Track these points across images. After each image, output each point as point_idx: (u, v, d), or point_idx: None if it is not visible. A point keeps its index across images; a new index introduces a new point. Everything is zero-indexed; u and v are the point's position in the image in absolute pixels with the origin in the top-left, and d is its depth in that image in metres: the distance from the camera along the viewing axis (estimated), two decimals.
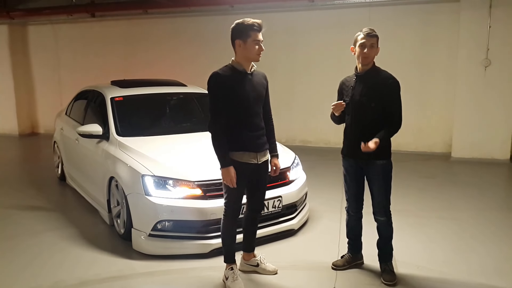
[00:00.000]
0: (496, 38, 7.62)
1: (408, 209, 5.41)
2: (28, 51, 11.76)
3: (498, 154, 7.92)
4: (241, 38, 3.33)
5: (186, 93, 6.09)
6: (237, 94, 3.37)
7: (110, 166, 4.68)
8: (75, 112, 6.41)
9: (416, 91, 8.45)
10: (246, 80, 3.42)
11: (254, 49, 3.34)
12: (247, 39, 3.32)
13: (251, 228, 3.84)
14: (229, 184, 3.37)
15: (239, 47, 3.36)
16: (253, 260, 3.85)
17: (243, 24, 3.33)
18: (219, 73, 3.35)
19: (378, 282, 3.65)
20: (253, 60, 3.43)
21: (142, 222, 4.17)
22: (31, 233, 4.79)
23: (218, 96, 3.35)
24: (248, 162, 3.45)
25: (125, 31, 10.82)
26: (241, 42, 3.34)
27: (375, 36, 3.48)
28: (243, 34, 3.32)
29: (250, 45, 3.33)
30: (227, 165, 3.35)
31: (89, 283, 3.68)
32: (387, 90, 3.49)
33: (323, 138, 9.34)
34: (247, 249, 3.87)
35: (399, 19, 8.58)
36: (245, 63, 3.41)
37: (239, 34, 3.34)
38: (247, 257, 3.87)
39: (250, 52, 3.35)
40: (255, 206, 3.73)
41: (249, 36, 3.31)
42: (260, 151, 3.52)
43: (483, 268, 3.92)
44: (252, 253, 3.88)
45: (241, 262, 3.87)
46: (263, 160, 3.57)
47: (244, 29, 3.32)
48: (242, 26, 3.33)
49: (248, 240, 3.86)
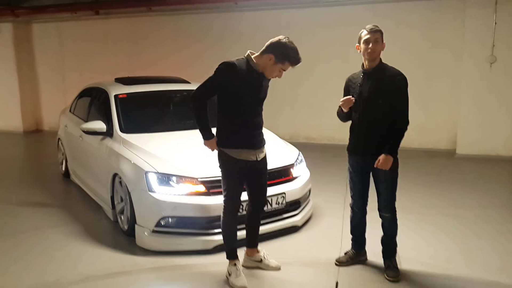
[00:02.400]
0: (502, 34, 7.58)
1: (413, 205, 5.40)
2: (33, 48, 11.79)
3: (503, 150, 7.88)
4: (276, 57, 3.29)
5: (190, 90, 6.04)
6: (244, 92, 3.34)
7: (114, 163, 4.68)
8: (79, 109, 6.43)
9: (421, 88, 8.41)
10: (256, 78, 3.40)
11: (275, 72, 3.36)
12: (278, 63, 3.30)
13: (254, 224, 3.84)
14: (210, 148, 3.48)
15: (268, 60, 3.31)
16: (256, 256, 3.85)
17: (290, 49, 3.29)
18: (235, 64, 3.30)
19: (382, 278, 3.64)
20: (266, 74, 3.41)
21: (146, 219, 4.18)
22: (35, 229, 4.81)
23: (221, 83, 3.32)
24: (247, 159, 3.45)
25: (129, 28, 10.82)
26: (273, 59, 3.30)
27: (378, 31, 3.46)
28: (281, 57, 3.29)
29: (276, 68, 3.33)
30: (208, 138, 3.45)
31: (92, 279, 3.70)
32: (395, 86, 3.47)
33: (327, 135, 9.32)
34: (251, 245, 3.87)
35: (404, 16, 8.54)
36: (260, 68, 3.39)
37: (278, 54, 3.29)
38: (250, 253, 3.87)
39: (270, 71, 3.36)
40: (257, 202, 3.73)
41: (283, 63, 3.31)
42: (258, 148, 3.52)
43: (487, 264, 3.91)
44: (256, 249, 3.88)
45: (244, 258, 3.87)
46: (261, 157, 3.57)
47: (285, 53, 3.29)
48: (287, 51, 3.29)
49: (252, 236, 3.85)
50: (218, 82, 3.34)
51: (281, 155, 4.74)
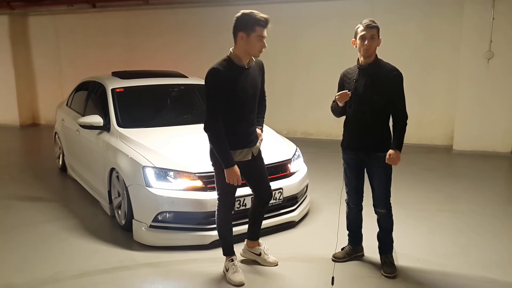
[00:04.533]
0: (500, 30, 7.57)
1: (409, 201, 5.41)
2: (29, 41, 11.71)
3: (500, 147, 7.90)
4: (245, 31, 3.17)
5: (187, 84, 6.06)
6: (235, 91, 3.26)
7: (111, 157, 4.67)
8: (76, 103, 6.40)
9: (418, 83, 8.42)
10: (244, 76, 3.31)
11: (256, 45, 3.20)
12: (251, 33, 3.16)
13: (257, 218, 3.82)
14: (234, 183, 3.31)
15: (241, 39, 3.21)
16: (256, 249, 3.85)
17: (250, 16, 3.17)
18: (218, 69, 3.20)
19: (378, 274, 3.65)
20: (253, 56, 3.31)
21: (143, 213, 4.18)
22: (31, 223, 4.80)
23: (217, 93, 3.22)
24: (243, 160, 3.42)
25: (126, 22, 10.76)
26: (244, 35, 3.18)
27: (375, 27, 3.44)
28: (248, 27, 3.16)
29: (253, 40, 3.18)
30: (231, 165, 3.26)
31: (89, 274, 3.69)
32: (391, 82, 3.46)
33: (324, 130, 9.32)
34: (252, 237, 3.86)
35: (401, 11, 8.52)
36: (244, 57, 3.29)
37: (244, 27, 3.18)
38: (251, 244, 3.87)
39: (252, 47, 3.21)
40: (264, 195, 3.70)
41: (254, 30, 3.16)
42: (254, 145, 3.50)
43: (483, 260, 3.92)
44: (257, 241, 3.88)
45: (244, 249, 3.88)
46: (256, 152, 3.55)
47: (250, 22, 3.16)
48: (249, 19, 3.17)
49: (254, 229, 3.84)
50: (216, 93, 3.23)
51: (278, 150, 4.74)
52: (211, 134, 3.26)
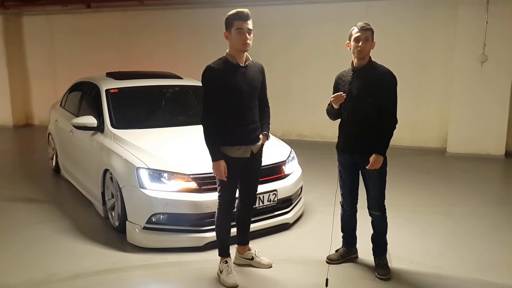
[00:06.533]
0: (493, 34, 7.61)
1: (403, 204, 5.42)
2: (23, 41, 11.64)
3: (494, 149, 7.93)
4: (228, 28, 3.33)
5: (182, 85, 6.05)
6: (229, 87, 3.33)
7: (105, 159, 4.65)
8: (70, 104, 6.37)
9: (412, 86, 8.46)
10: (239, 73, 3.38)
11: (238, 39, 3.28)
12: (231, 29, 3.30)
13: (245, 221, 3.83)
14: (219, 177, 3.39)
15: (227, 38, 3.36)
16: (247, 254, 3.84)
17: (229, 14, 3.32)
18: (212, 66, 3.33)
19: (372, 277, 3.66)
20: (240, 50, 3.34)
21: (137, 215, 4.16)
22: (24, 225, 4.77)
23: (211, 90, 3.33)
24: (241, 157, 3.43)
25: (121, 23, 10.73)
26: (228, 33, 3.34)
27: (369, 29, 3.46)
28: (228, 23, 3.32)
29: (234, 35, 3.29)
30: (218, 159, 3.35)
31: (83, 276, 3.67)
32: (384, 85, 3.47)
33: (319, 132, 9.33)
34: (242, 242, 3.86)
35: (396, 13, 8.56)
36: (237, 55, 3.37)
37: (226, 25, 3.34)
38: (242, 250, 3.86)
39: (235, 42, 3.31)
40: (248, 198, 3.71)
41: (233, 25, 3.28)
42: (254, 144, 3.50)
43: (477, 262, 3.94)
44: (247, 246, 3.88)
45: (236, 256, 3.86)
46: (256, 151, 3.55)
47: (230, 18, 3.31)
48: (228, 16, 3.32)
49: (242, 233, 3.84)
50: (210, 89, 3.33)
51: (273, 152, 4.73)
52: (203, 128, 3.38)
